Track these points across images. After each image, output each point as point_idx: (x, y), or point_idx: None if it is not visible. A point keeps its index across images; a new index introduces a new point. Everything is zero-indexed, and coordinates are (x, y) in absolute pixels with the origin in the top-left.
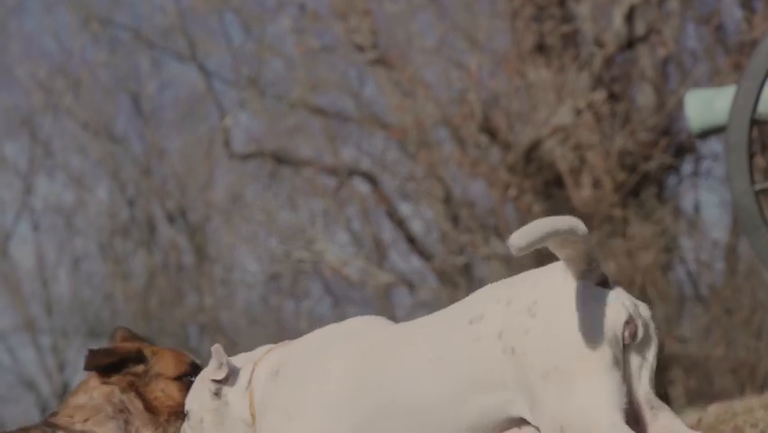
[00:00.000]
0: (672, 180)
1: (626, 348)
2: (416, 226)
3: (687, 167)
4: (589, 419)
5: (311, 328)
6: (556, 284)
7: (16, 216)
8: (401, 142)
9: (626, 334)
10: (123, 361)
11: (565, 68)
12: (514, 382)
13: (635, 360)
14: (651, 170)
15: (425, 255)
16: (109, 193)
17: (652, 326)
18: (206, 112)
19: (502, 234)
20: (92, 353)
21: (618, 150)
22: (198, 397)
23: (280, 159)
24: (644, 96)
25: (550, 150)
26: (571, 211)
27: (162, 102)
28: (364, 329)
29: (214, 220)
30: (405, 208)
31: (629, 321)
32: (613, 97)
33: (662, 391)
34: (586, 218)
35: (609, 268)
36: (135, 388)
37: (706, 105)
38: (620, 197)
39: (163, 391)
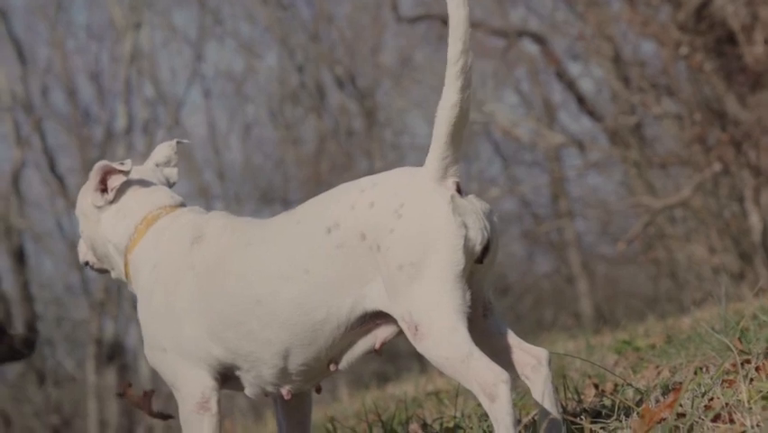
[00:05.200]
0: None
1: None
2: (586, 86)
3: None
4: (433, 317)
5: (481, 190)
6: (423, 190)
7: (187, 85)
8: (570, 1)
9: (481, 252)
10: None
11: None
12: (377, 275)
13: (480, 269)
14: None
15: (595, 115)
16: (278, 59)
17: (498, 238)
18: None
19: (674, 92)
20: None
21: None
22: (82, 205)
23: (448, 21)
24: None
25: (722, 6)
26: (744, 69)
27: None
28: (219, 234)
29: (383, 84)
30: (574, 69)
31: (487, 242)
32: None
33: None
34: (758, 76)
35: None
36: None
37: None
38: None
39: None
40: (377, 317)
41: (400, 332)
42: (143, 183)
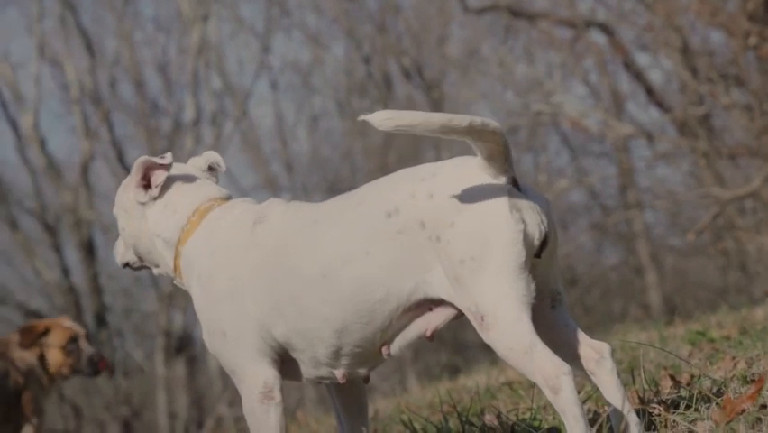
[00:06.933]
0: None
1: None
2: (655, 77)
3: None
4: (497, 308)
5: (550, 181)
6: (481, 184)
7: (255, 76)
8: None
9: (540, 246)
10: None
11: None
12: (437, 264)
13: (540, 262)
14: None
15: (663, 106)
16: (345, 51)
17: (555, 232)
18: None
19: (743, 83)
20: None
21: None
22: (123, 202)
23: (516, 12)
24: None
25: None
26: None
27: None
28: (281, 221)
29: (450, 75)
30: (642, 59)
31: (545, 236)
32: None
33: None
34: None
35: None
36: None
37: None
38: None
39: (53, 355)
40: (432, 302)
41: (453, 319)
42: (188, 178)
